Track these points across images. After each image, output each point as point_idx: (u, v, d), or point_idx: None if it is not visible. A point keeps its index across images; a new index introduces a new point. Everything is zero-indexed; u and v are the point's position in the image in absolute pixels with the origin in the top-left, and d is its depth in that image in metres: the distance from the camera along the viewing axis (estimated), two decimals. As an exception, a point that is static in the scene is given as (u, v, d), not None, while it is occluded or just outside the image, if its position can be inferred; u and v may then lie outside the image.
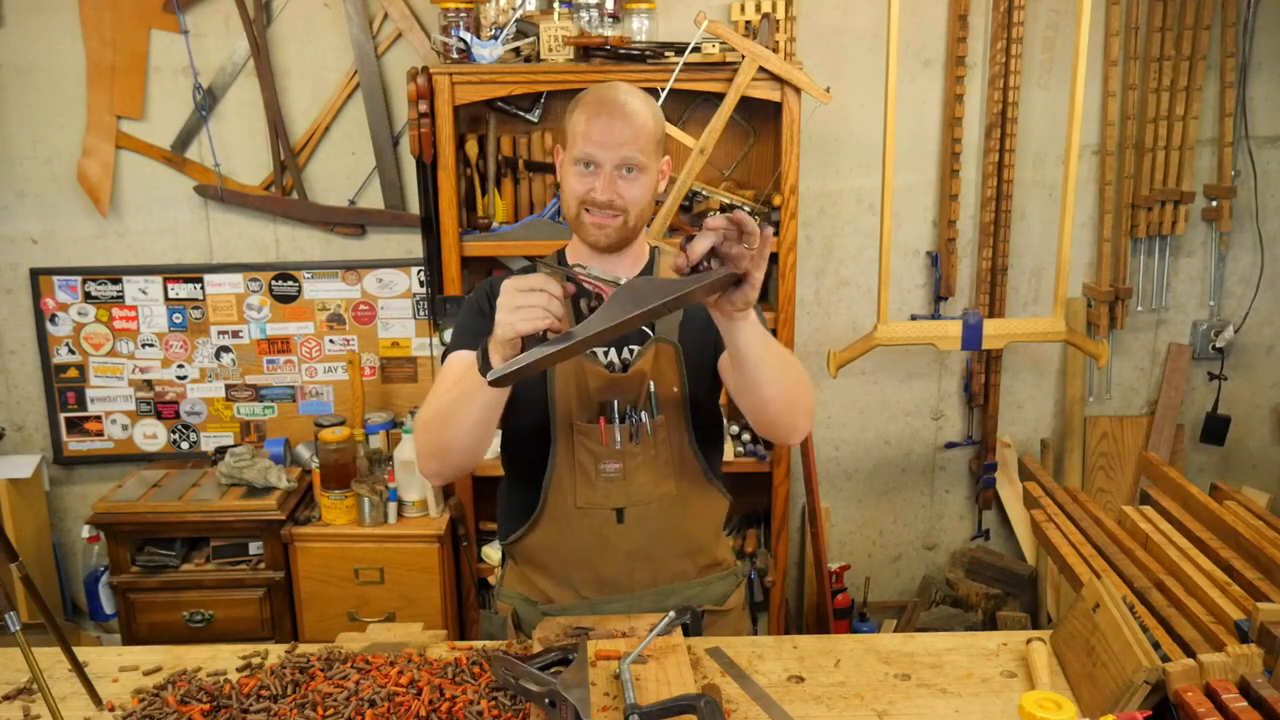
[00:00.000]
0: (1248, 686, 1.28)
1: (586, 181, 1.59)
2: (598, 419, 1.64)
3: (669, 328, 1.67)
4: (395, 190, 3.02)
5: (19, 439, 3.20)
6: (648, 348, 1.67)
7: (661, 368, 1.67)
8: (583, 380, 1.65)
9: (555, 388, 1.65)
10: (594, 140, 1.57)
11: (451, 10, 2.61)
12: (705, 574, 1.76)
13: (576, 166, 1.60)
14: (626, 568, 1.69)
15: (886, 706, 1.42)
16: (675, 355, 1.67)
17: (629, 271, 1.69)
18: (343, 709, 1.36)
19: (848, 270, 3.15)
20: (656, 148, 1.63)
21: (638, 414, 1.65)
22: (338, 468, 2.77)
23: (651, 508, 1.68)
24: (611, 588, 1.70)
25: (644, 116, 1.60)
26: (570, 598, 1.71)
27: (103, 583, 3.04)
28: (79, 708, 1.44)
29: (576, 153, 1.59)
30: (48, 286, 3.07)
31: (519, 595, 1.77)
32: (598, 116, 1.58)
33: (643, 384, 1.65)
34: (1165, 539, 1.77)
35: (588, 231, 1.62)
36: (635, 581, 1.70)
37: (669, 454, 1.68)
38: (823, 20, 2.96)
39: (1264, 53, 3.00)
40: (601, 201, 1.58)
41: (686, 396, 1.68)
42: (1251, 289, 3.17)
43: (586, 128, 1.58)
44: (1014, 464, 3.28)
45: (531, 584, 1.75)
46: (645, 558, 1.69)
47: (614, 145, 1.57)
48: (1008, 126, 2.98)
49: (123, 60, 2.92)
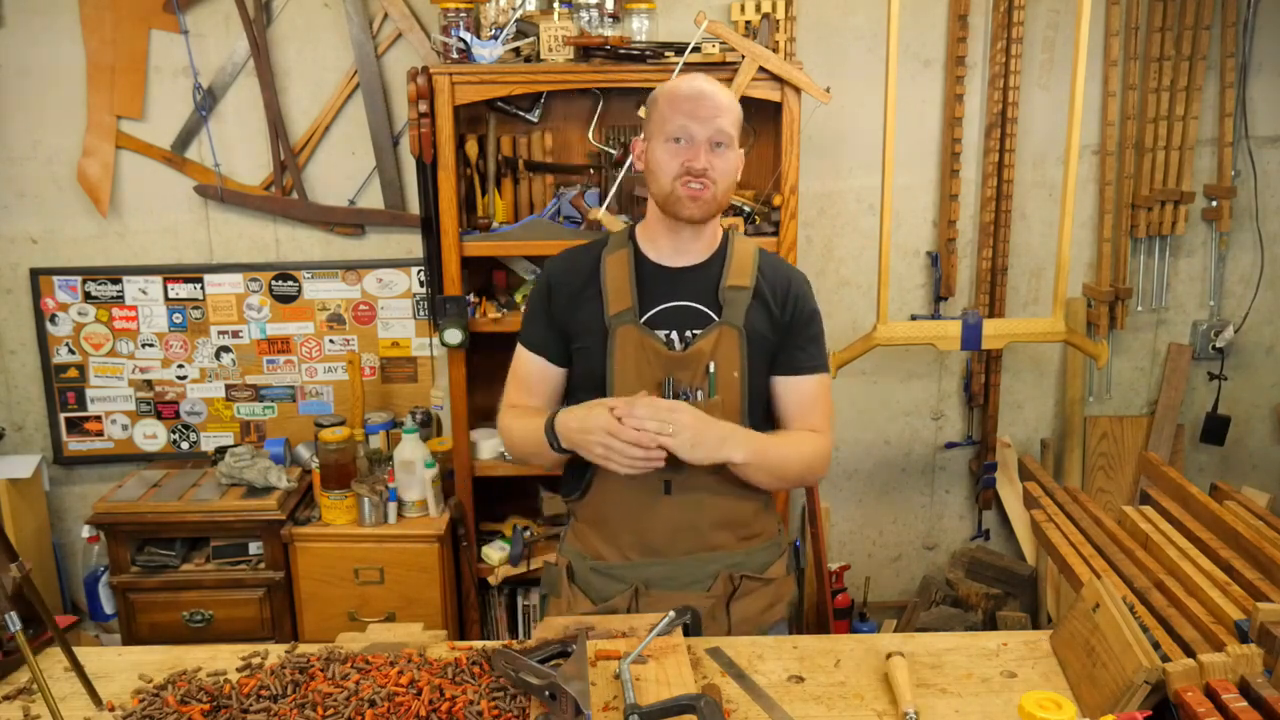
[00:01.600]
0: (1248, 686, 1.28)
1: (682, 154, 1.68)
2: (652, 394, 1.70)
3: (736, 312, 1.74)
4: (395, 190, 3.02)
5: (19, 439, 3.20)
6: (711, 330, 1.73)
7: (723, 350, 1.73)
8: (643, 356, 1.72)
9: (615, 362, 1.73)
10: (687, 114, 1.67)
11: (451, 10, 2.61)
12: (746, 544, 1.82)
13: (668, 144, 1.69)
14: (670, 536, 1.76)
15: (887, 706, 1.42)
16: (738, 339, 1.73)
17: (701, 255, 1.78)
18: (343, 709, 1.36)
19: (848, 270, 3.15)
20: (739, 130, 1.73)
21: (694, 393, 1.72)
22: (338, 468, 2.77)
23: (698, 482, 1.73)
24: (655, 552, 1.77)
25: (729, 97, 1.72)
26: (617, 558, 1.79)
27: (103, 583, 3.04)
28: (79, 708, 1.44)
29: (669, 129, 1.68)
30: (48, 286, 3.07)
31: (575, 551, 1.86)
32: (691, 95, 1.69)
33: (702, 364, 1.72)
34: (1165, 539, 1.77)
35: (683, 204, 1.70)
36: (677, 549, 1.77)
37: None
38: (823, 20, 2.96)
39: (1264, 53, 3.00)
40: (699, 169, 1.67)
41: (746, 380, 1.74)
42: (1251, 289, 3.17)
43: (678, 106, 1.68)
44: (1014, 464, 3.28)
45: (586, 541, 1.84)
46: (689, 528, 1.76)
47: (707, 118, 1.67)
48: (1008, 126, 2.98)
49: (123, 60, 2.92)
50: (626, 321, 1.72)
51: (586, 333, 1.76)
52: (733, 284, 1.75)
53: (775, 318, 1.77)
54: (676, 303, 1.75)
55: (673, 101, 1.69)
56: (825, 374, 1.82)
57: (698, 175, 1.67)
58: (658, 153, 1.70)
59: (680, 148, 1.68)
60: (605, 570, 1.79)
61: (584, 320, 1.76)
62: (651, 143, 1.72)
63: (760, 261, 1.80)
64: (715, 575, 1.77)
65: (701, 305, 1.75)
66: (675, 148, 1.68)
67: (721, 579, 1.76)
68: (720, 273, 1.76)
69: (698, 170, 1.66)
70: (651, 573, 1.77)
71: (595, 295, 1.76)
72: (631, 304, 1.73)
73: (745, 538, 1.81)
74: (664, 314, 1.74)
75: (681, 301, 1.75)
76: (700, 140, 1.67)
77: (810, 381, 1.80)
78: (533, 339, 1.83)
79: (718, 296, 1.75)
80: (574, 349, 1.79)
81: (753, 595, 1.79)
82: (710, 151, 1.67)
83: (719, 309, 1.74)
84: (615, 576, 1.79)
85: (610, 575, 1.79)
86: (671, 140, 1.68)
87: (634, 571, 1.77)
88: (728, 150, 1.69)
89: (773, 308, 1.77)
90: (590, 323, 1.75)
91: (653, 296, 1.75)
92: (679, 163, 1.67)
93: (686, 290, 1.76)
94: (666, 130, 1.68)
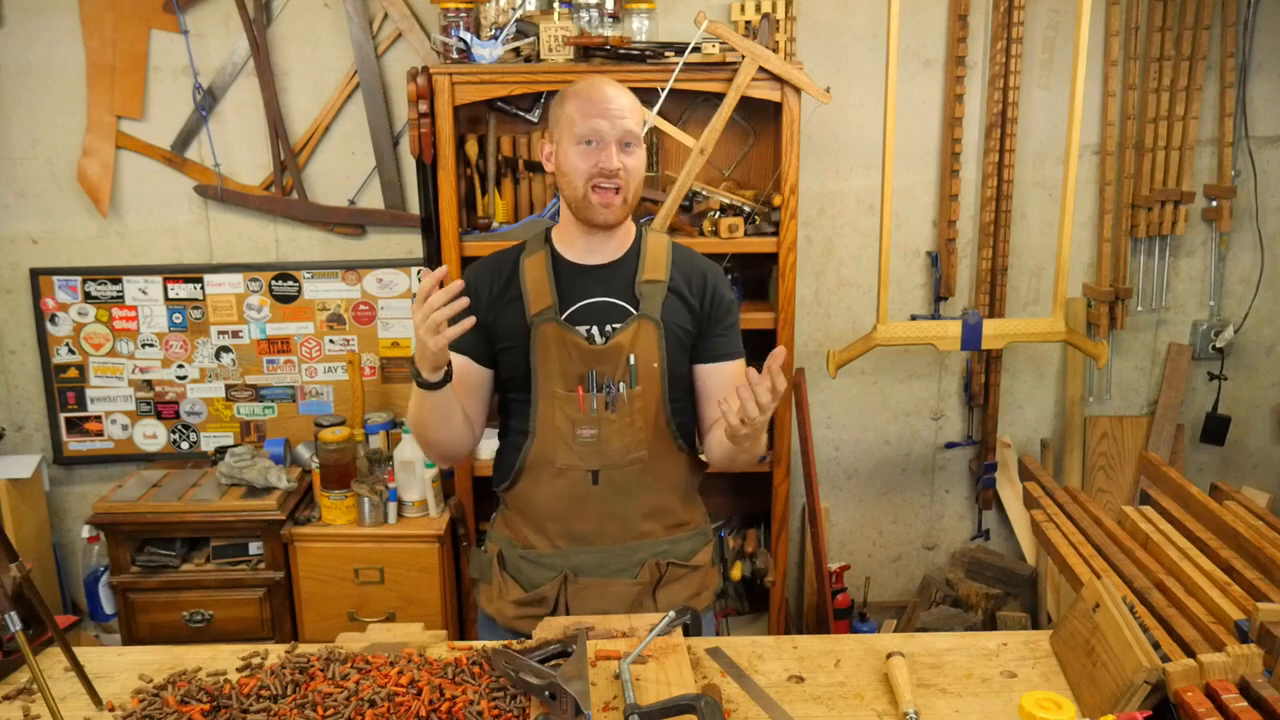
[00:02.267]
0: (1248, 686, 1.28)
1: (593, 155, 1.70)
2: (576, 388, 1.76)
3: (652, 305, 1.79)
4: (395, 190, 3.02)
5: (19, 439, 3.20)
6: (630, 323, 1.78)
7: (642, 342, 1.78)
8: (565, 351, 1.77)
9: (537, 357, 1.77)
10: (595, 115, 1.69)
11: (451, 10, 2.61)
12: (673, 533, 1.87)
13: (579, 146, 1.71)
14: (597, 524, 1.81)
15: (887, 706, 1.42)
16: (657, 331, 1.79)
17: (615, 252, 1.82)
18: (343, 709, 1.36)
19: (848, 270, 3.15)
20: (643, 127, 1.76)
21: (615, 384, 1.77)
22: (338, 468, 2.77)
23: (624, 471, 1.79)
24: (583, 540, 1.83)
25: (632, 98, 1.75)
26: (546, 546, 1.84)
27: (103, 583, 3.04)
28: (79, 708, 1.44)
29: (578, 131, 1.70)
30: (48, 286, 3.07)
31: (504, 538, 1.91)
32: (594, 98, 1.71)
33: (622, 356, 1.77)
34: (1165, 539, 1.77)
35: (595, 211, 1.73)
36: (605, 537, 1.82)
37: (644, 422, 1.79)
38: (823, 20, 2.96)
39: (1264, 53, 3.00)
40: (612, 169, 1.69)
41: (665, 370, 1.80)
42: (1251, 289, 3.17)
43: (587, 108, 1.70)
44: (1014, 464, 3.28)
45: (515, 529, 1.88)
46: (616, 516, 1.81)
47: (615, 117, 1.70)
48: (1008, 126, 2.98)
49: (123, 60, 2.92)
50: (547, 319, 1.77)
51: (510, 334, 1.79)
52: (648, 279, 1.80)
53: (693, 308, 1.82)
54: (595, 299, 1.79)
55: (580, 105, 1.71)
56: (742, 359, 1.86)
57: (611, 175, 1.69)
58: (569, 155, 1.72)
59: (591, 149, 1.70)
60: (535, 559, 1.84)
61: (507, 322, 1.80)
62: (560, 145, 1.74)
63: (674, 256, 1.84)
64: (642, 563, 1.82)
65: (619, 300, 1.79)
66: (586, 150, 1.70)
67: (648, 566, 1.82)
68: (636, 268, 1.81)
69: (611, 170, 1.69)
70: (580, 560, 1.82)
71: (516, 297, 1.80)
72: (552, 302, 1.77)
73: (672, 526, 1.87)
74: (583, 310, 1.79)
75: (599, 298, 1.79)
76: (611, 140, 1.69)
77: (731, 366, 1.85)
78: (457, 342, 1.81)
79: (634, 291, 1.79)
80: (498, 350, 1.82)
81: (679, 582, 1.85)
82: (621, 151, 1.70)
83: (636, 303, 1.79)
84: (544, 564, 1.83)
85: (539, 563, 1.84)
86: (582, 142, 1.70)
87: (563, 559, 1.82)
88: (636, 149, 1.73)
89: (690, 299, 1.81)
90: (513, 324, 1.79)
91: (571, 294, 1.79)
92: (591, 164, 1.70)
93: (603, 286, 1.80)
94: (576, 132, 1.70)
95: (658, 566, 1.82)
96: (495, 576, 1.88)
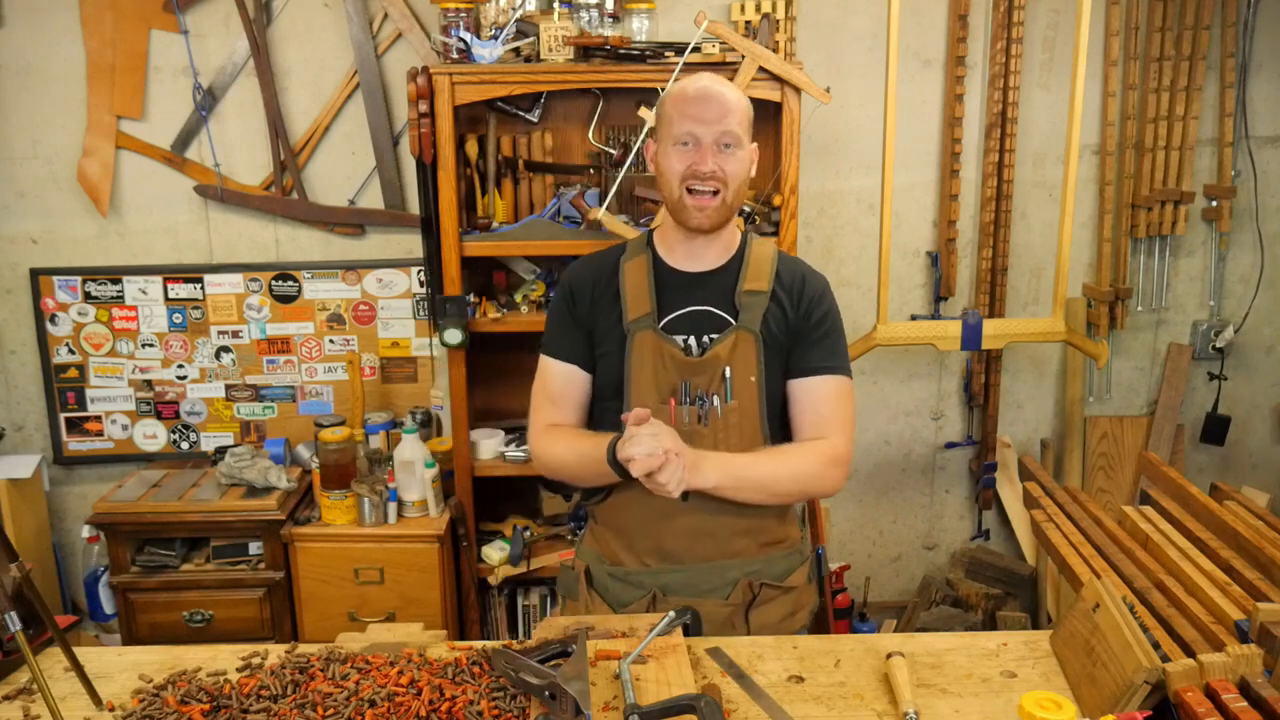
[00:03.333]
0: (1248, 686, 1.28)
1: (688, 157, 1.66)
2: (669, 399, 1.70)
3: (752, 317, 1.72)
4: (395, 190, 3.01)
5: (19, 439, 3.20)
6: (728, 335, 1.72)
7: (740, 354, 1.71)
8: (659, 361, 1.71)
9: (631, 367, 1.72)
10: (693, 117, 1.66)
11: (451, 10, 2.61)
12: (765, 551, 1.79)
13: (676, 147, 1.67)
14: (688, 542, 1.74)
15: (887, 706, 1.42)
16: (755, 343, 1.72)
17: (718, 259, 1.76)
18: (343, 709, 1.36)
19: (848, 270, 3.15)
20: (749, 127, 1.71)
21: (710, 397, 1.71)
22: (338, 468, 2.77)
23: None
24: (673, 558, 1.75)
25: (737, 95, 1.70)
26: (635, 563, 1.78)
27: (103, 583, 3.04)
28: (79, 708, 1.44)
29: (676, 132, 1.67)
30: (48, 286, 3.07)
31: (593, 554, 1.84)
32: (696, 97, 1.67)
33: (718, 369, 1.71)
34: (1165, 539, 1.77)
35: (690, 214, 1.69)
36: (696, 555, 1.75)
37: (738, 438, 1.72)
38: (823, 20, 2.96)
39: (1264, 53, 3.00)
40: (705, 172, 1.65)
41: (762, 384, 1.72)
42: (1251, 289, 3.17)
43: (685, 108, 1.67)
44: (1014, 464, 3.28)
45: (605, 544, 1.82)
46: (707, 534, 1.74)
47: (714, 120, 1.65)
48: (1008, 126, 2.98)
49: (123, 60, 2.92)
50: (645, 326, 1.72)
51: (607, 338, 1.75)
52: (749, 288, 1.74)
53: (790, 320, 1.75)
54: (694, 307, 1.74)
55: (679, 104, 1.67)
56: (841, 376, 1.76)
57: (705, 178, 1.65)
58: (666, 157, 1.69)
59: (687, 151, 1.67)
60: (623, 576, 1.78)
61: (605, 326, 1.75)
62: (660, 146, 1.71)
63: (778, 265, 1.78)
64: (734, 582, 1.74)
65: (719, 310, 1.74)
66: (682, 151, 1.67)
67: (740, 586, 1.74)
68: (738, 277, 1.75)
69: (705, 173, 1.65)
70: (670, 579, 1.75)
71: (614, 301, 1.75)
72: (650, 309, 1.72)
73: (765, 544, 1.79)
74: (681, 319, 1.74)
75: (699, 306, 1.74)
76: (707, 143, 1.65)
77: (820, 383, 1.74)
78: (560, 348, 1.80)
79: (734, 301, 1.74)
80: (597, 355, 1.77)
81: (773, 603, 1.77)
82: (719, 153, 1.66)
83: (736, 313, 1.73)
84: (633, 582, 1.77)
85: (628, 581, 1.77)
86: (679, 144, 1.67)
87: (652, 577, 1.75)
88: (737, 150, 1.68)
89: (788, 310, 1.75)
90: (610, 328, 1.75)
91: (671, 302, 1.74)
92: (685, 165, 1.66)
93: (704, 295, 1.74)
94: (673, 134, 1.67)
95: (750, 587, 1.74)
96: (582, 593, 1.80)
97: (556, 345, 1.80)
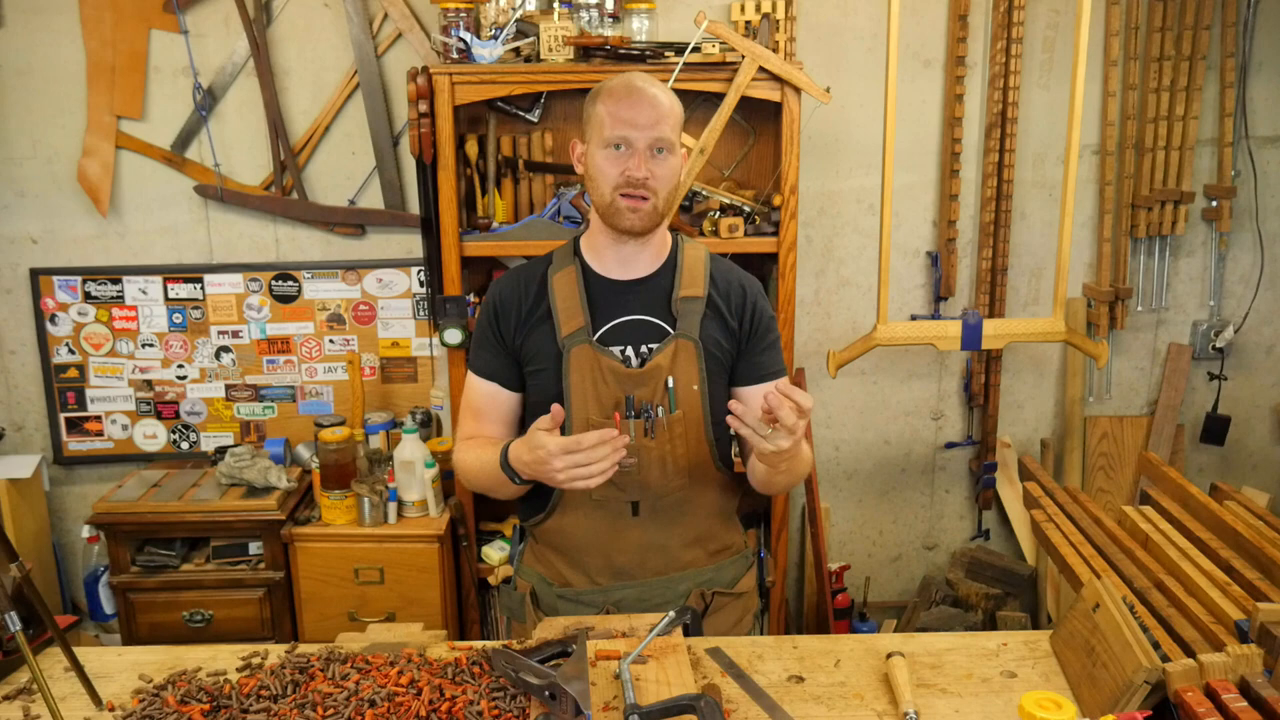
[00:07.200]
0: (1248, 686, 1.28)
1: (620, 163, 1.62)
2: (613, 414, 1.66)
3: (690, 324, 1.69)
4: (395, 190, 3.02)
5: (19, 439, 3.20)
6: (667, 344, 1.68)
7: (681, 363, 1.68)
8: (599, 376, 1.67)
9: (571, 382, 1.67)
10: (626, 120, 1.60)
11: (451, 10, 2.61)
12: (716, 559, 1.79)
13: (607, 150, 1.63)
14: (639, 557, 1.72)
15: (887, 706, 1.42)
16: (695, 351, 1.69)
17: (650, 266, 1.72)
18: (343, 709, 1.36)
19: (848, 270, 3.15)
20: (679, 131, 1.67)
21: (654, 409, 1.67)
22: (338, 468, 2.77)
23: (665, 500, 1.70)
24: (624, 574, 1.73)
25: (668, 98, 1.65)
26: (585, 583, 1.75)
27: (103, 583, 3.04)
28: (79, 708, 1.44)
29: (607, 135, 1.62)
30: (48, 286, 3.07)
31: (537, 575, 1.81)
32: (626, 100, 1.62)
33: (660, 379, 1.67)
34: (1165, 539, 1.77)
35: (622, 217, 1.64)
36: (647, 569, 1.73)
37: (684, 448, 1.69)
38: (823, 20, 2.96)
39: (1264, 53, 3.00)
40: (638, 178, 1.60)
41: (705, 392, 1.70)
42: (1251, 289, 3.17)
43: (615, 111, 1.61)
44: (1014, 464, 3.28)
45: (549, 565, 1.79)
46: (658, 548, 1.72)
47: (647, 125, 1.61)
48: (1008, 126, 2.98)
49: (123, 60, 2.92)
50: (580, 341, 1.67)
51: (539, 356, 1.70)
52: (685, 294, 1.70)
53: (731, 328, 1.72)
54: (629, 317, 1.70)
55: (610, 105, 1.62)
56: (785, 378, 1.77)
57: (637, 185, 1.61)
58: (597, 159, 1.64)
59: (620, 155, 1.62)
60: (574, 596, 1.75)
61: (536, 344, 1.71)
62: (590, 148, 1.66)
63: (711, 269, 1.75)
64: (686, 594, 1.74)
65: (655, 318, 1.70)
66: (614, 155, 1.62)
67: (693, 597, 1.74)
68: (672, 283, 1.71)
69: (638, 179, 1.60)
70: (622, 595, 1.73)
71: (545, 316, 1.70)
72: (584, 322, 1.68)
73: (714, 552, 1.79)
74: (617, 329, 1.69)
75: (634, 315, 1.70)
76: (640, 148, 1.61)
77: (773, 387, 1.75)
78: (484, 366, 1.75)
79: (671, 308, 1.70)
80: (527, 373, 1.73)
81: (724, 610, 1.77)
82: (651, 159, 1.61)
83: (673, 321, 1.69)
84: (584, 602, 1.75)
85: (579, 601, 1.75)
86: (610, 147, 1.62)
87: (603, 595, 1.74)
88: (669, 156, 1.64)
89: (728, 318, 1.72)
90: (543, 346, 1.70)
91: (604, 312, 1.70)
92: (618, 171, 1.61)
93: (638, 303, 1.70)
94: (605, 136, 1.62)
95: (702, 597, 1.74)
96: (529, 615, 1.77)
97: (481, 363, 1.77)
